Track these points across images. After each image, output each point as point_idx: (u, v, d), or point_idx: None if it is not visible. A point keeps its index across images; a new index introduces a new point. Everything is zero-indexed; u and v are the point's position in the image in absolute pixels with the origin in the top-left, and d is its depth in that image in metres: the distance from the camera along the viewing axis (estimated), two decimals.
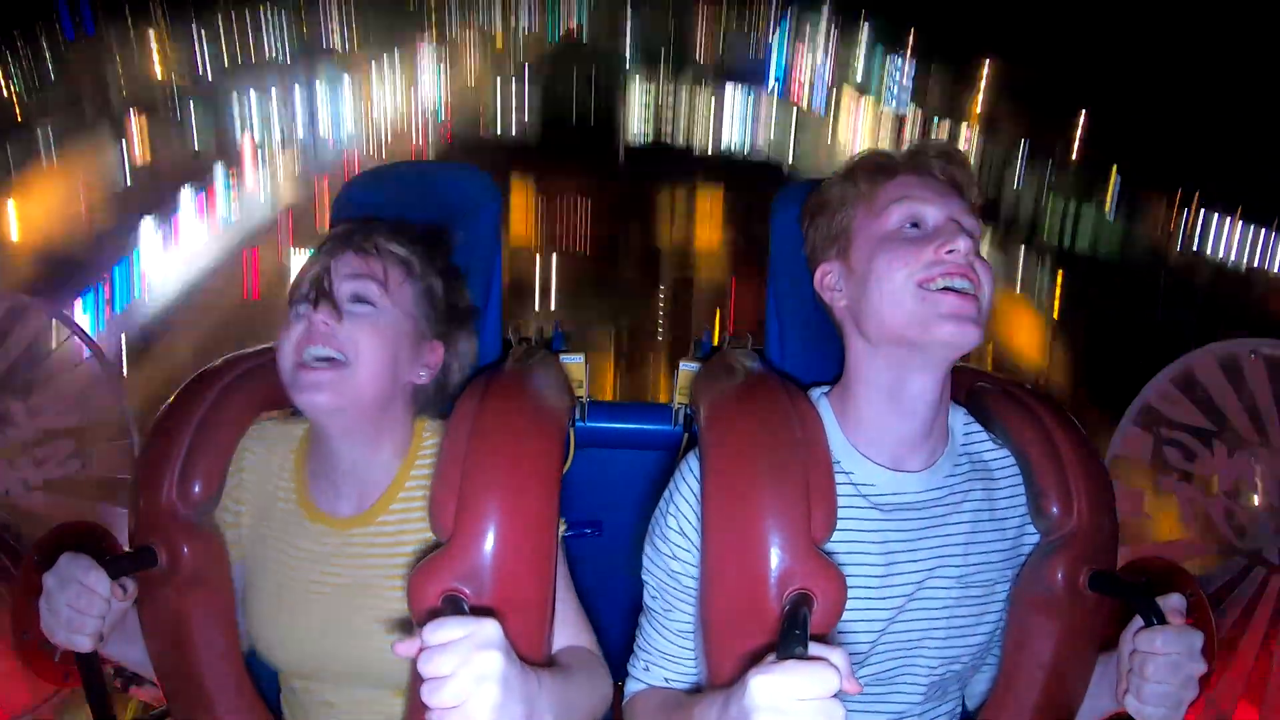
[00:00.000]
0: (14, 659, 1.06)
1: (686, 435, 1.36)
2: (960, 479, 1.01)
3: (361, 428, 1.01)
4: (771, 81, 23.69)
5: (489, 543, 0.86)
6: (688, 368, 1.31)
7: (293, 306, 1.00)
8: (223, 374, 1.11)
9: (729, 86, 23.77)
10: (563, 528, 1.04)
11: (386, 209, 1.12)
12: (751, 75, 23.85)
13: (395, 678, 1.00)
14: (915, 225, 0.96)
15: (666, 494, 1.01)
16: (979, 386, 1.10)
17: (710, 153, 23.20)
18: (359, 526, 1.04)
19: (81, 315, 11.02)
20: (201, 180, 14.56)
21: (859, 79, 21.81)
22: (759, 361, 1.13)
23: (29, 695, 1.44)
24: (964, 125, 18.52)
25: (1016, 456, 1.03)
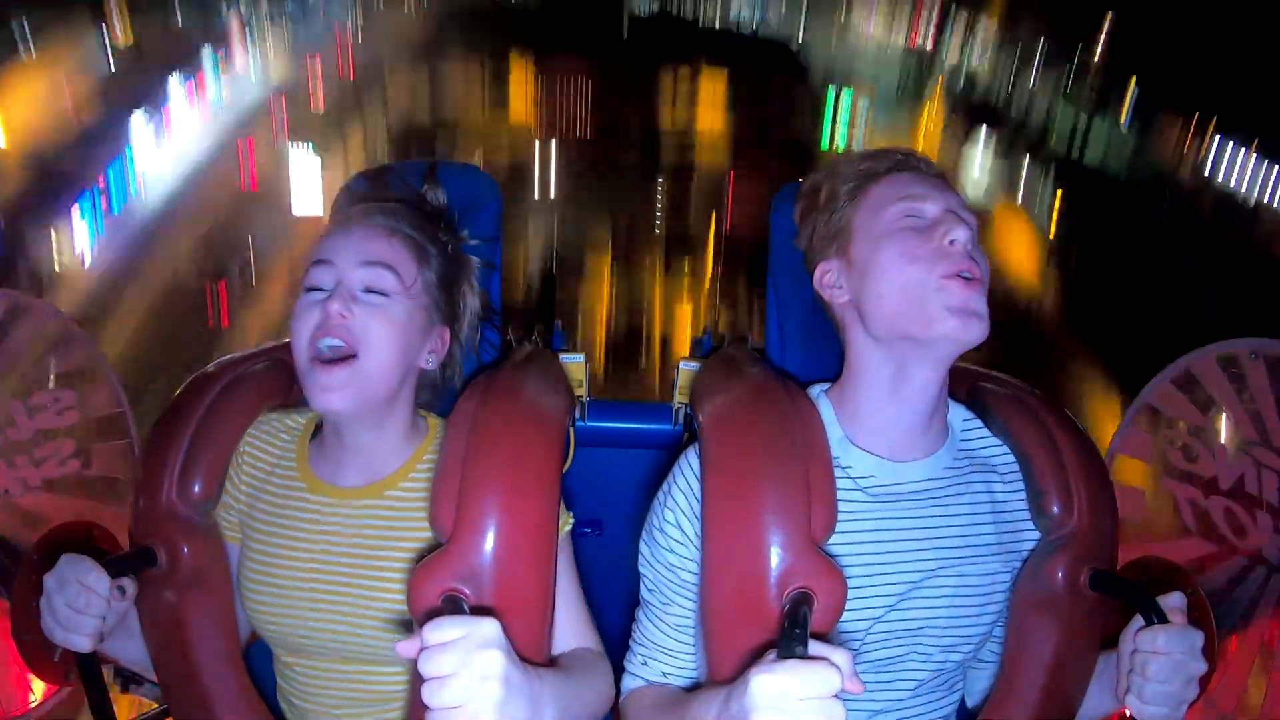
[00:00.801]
0: (14, 659, 1.06)
1: (686, 434, 1.36)
2: (959, 471, 1.01)
3: (370, 414, 1.02)
4: None
5: (489, 543, 0.86)
6: (688, 367, 1.31)
7: (307, 291, 1.00)
8: (222, 374, 1.11)
9: None
10: (569, 524, 1.04)
11: None
12: None
13: (387, 653, 1.00)
14: (913, 216, 0.97)
15: (664, 487, 1.01)
16: (980, 386, 1.10)
17: (718, 25, 21.04)
18: (364, 498, 1.04)
19: (80, 222, 10.19)
20: (190, 66, 13.41)
21: None
22: (759, 361, 1.13)
23: (29, 695, 1.43)
24: (983, 18, 17.19)
25: (1017, 456, 1.03)
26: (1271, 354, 1.56)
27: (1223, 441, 1.61)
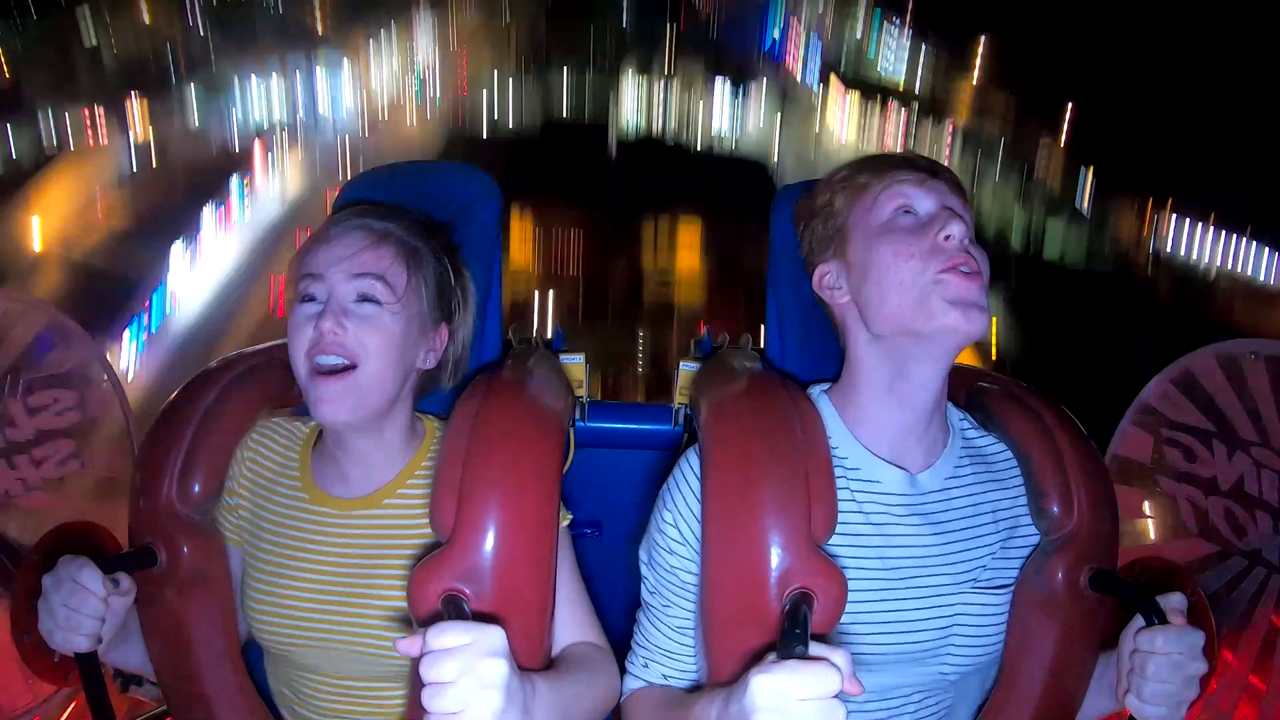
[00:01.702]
0: (14, 659, 1.06)
1: (686, 435, 1.36)
2: (963, 479, 1.01)
3: (370, 422, 1.02)
4: (762, 62, 23.12)
5: (489, 542, 0.86)
6: (688, 368, 1.31)
7: (299, 305, 1.00)
8: (223, 373, 1.11)
9: (719, 81, 23.39)
10: (568, 519, 1.04)
11: None
12: (743, 59, 23.35)
13: (388, 667, 1.00)
14: (908, 214, 0.97)
15: (664, 489, 1.01)
16: (979, 386, 1.10)
17: (699, 146, 22.89)
18: (364, 508, 1.04)
19: (129, 344, 11.21)
20: (219, 194, 14.45)
21: (857, 39, 20.99)
22: (759, 361, 1.13)
23: (29, 695, 1.43)
24: (947, 121, 18.22)
25: (1018, 456, 1.03)
26: (1271, 354, 1.56)
27: (1222, 442, 1.61)
